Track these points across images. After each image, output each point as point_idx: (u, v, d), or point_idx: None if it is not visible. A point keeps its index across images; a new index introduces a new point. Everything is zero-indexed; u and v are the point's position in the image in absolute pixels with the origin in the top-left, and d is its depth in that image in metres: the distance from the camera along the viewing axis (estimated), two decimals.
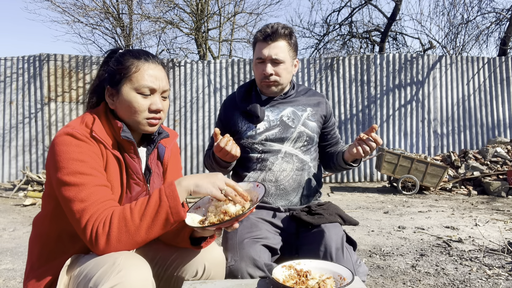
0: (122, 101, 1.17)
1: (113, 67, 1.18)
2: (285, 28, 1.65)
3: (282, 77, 1.66)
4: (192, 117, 8.56)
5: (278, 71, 1.65)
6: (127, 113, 1.18)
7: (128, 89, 1.16)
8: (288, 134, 1.69)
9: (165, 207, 1.04)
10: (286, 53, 1.65)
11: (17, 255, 3.49)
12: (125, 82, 1.16)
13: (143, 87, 1.16)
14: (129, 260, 0.98)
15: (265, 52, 1.63)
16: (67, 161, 1.06)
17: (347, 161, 1.66)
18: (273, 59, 1.63)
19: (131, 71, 1.16)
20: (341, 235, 1.56)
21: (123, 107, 1.17)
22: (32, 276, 1.15)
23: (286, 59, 1.65)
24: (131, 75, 1.16)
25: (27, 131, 8.13)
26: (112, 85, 1.18)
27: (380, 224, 4.59)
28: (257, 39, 1.67)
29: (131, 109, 1.17)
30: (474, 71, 9.04)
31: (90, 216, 1.03)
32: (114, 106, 1.20)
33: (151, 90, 1.18)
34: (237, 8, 11.13)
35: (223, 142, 1.46)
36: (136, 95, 1.16)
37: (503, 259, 3.13)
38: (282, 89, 1.73)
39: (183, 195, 1.09)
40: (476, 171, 7.51)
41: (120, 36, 10.66)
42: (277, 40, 1.63)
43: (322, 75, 8.84)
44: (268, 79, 1.65)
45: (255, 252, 1.44)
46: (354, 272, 1.24)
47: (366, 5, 12.87)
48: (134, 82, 1.16)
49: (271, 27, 1.64)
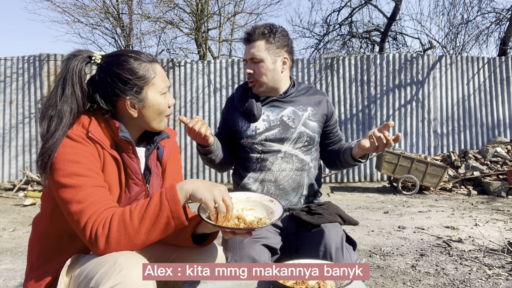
0: (149, 106, 1.19)
1: (128, 77, 1.15)
2: (264, 28, 1.68)
3: (262, 76, 1.68)
4: (192, 117, 8.56)
5: (257, 70, 1.67)
6: (154, 116, 1.21)
7: (153, 94, 1.19)
8: (288, 134, 1.68)
9: (166, 211, 1.04)
10: (264, 52, 1.66)
11: (17, 255, 3.49)
12: (149, 89, 1.19)
13: (164, 88, 1.22)
14: (130, 260, 0.98)
15: (246, 53, 1.70)
16: (63, 163, 1.06)
17: (356, 157, 1.65)
18: (251, 58, 1.67)
19: (151, 76, 1.19)
20: (340, 235, 1.56)
21: (151, 112, 1.20)
22: (32, 277, 1.15)
23: (265, 57, 1.66)
24: (152, 80, 1.19)
25: (27, 131, 8.13)
26: (134, 95, 1.17)
27: (380, 224, 4.59)
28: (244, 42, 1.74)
29: (159, 111, 1.21)
30: (474, 71, 9.04)
31: (89, 218, 1.03)
32: (138, 114, 1.19)
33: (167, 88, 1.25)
34: (237, 8, 11.13)
35: (192, 122, 1.49)
36: (161, 97, 1.21)
37: (503, 259, 3.13)
38: (272, 88, 1.72)
39: (183, 199, 1.08)
40: (476, 171, 7.51)
41: (120, 36, 10.66)
42: (254, 40, 1.67)
43: (322, 75, 8.84)
44: (250, 78, 1.70)
45: (255, 251, 1.44)
46: None
47: (366, 5, 12.86)
48: (157, 86, 1.20)
49: (251, 29, 1.70)
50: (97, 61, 1.20)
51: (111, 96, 1.17)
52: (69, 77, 1.15)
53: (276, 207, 1.20)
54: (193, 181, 1.11)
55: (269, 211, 1.21)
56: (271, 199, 1.24)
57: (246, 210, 1.19)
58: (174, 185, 1.08)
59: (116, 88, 1.16)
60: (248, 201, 1.24)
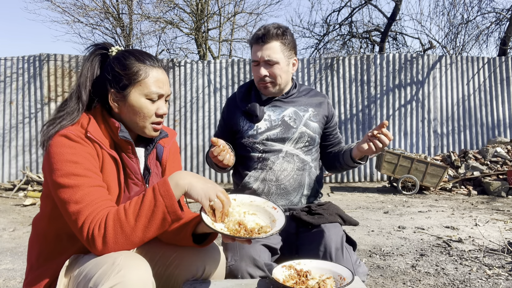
0: (130, 106, 1.17)
1: (119, 71, 1.16)
2: (277, 28, 1.63)
3: (277, 77, 1.65)
4: (192, 117, 8.56)
5: (273, 72, 1.64)
6: (134, 117, 1.18)
7: (137, 94, 1.17)
8: (290, 134, 1.68)
9: (161, 207, 1.03)
10: (280, 53, 1.63)
11: (17, 255, 3.49)
12: (134, 88, 1.16)
13: (152, 93, 1.17)
14: (129, 260, 0.98)
15: (258, 54, 1.63)
16: (61, 163, 1.06)
17: (355, 158, 1.64)
18: (266, 60, 1.62)
19: (140, 77, 1.17)
20: (340, 235, 1.56)
21: (131, 112, 1.18)
22: (31, 277, 1.15)
23: (280, 59, 1.64)
24: (140, 81, 1.17)
25: (27, 131, 8.13)
26: (118, 89, 1.17)
27: (380, 224, 4.59)
28: (252, 42, 1.68)
29: (140, 114, 1.18)
30: (474, 71, 9.03)
31: (86, 218, 1.02)
32: (119, 110, 1.19)
33: (159, 96, 1.19)
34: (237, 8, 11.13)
35: (216, 151, 1.46)
36: (146, 101, 1.17)
37: (503, 259, 3.13)
38: (282, 89, 1.72)
39: (178, 193, 1.07)
40: (476, 171, 7.51)
41: (120, 36, 10.66)
42: (269, 41, 1.62)
43: (322, 75, 8.84)
44: (264, 80, 1.65)
45: (255, 251, 1.44)
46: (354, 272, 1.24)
47: (366, 5, 12.86)
48: (143, 88, 1.17)
49: (264, 29, 1.63)
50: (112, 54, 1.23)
51: (102, 87, 1.19)
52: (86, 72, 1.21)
53: (279, 216, 1.19)
54: (187, 175, 1.10)
55: (271, 218, 1.20)
56: (274, 206, 1.23)
57: (248, 214, 1.18)
58: (167, 179, 1.07)
59: (107, 80, 1.18)
60: (251, 205, 1.24)
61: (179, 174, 1.10)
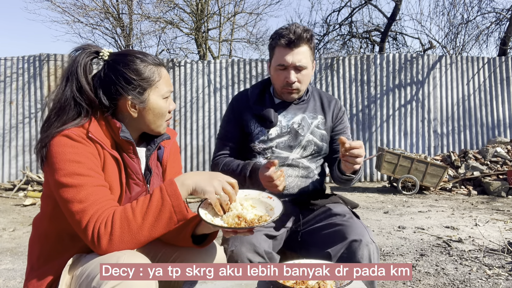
0: (150, 109, 1.20)
1: (133, 77, 1.16)
2: (307, 32, 1.56)
3: (304, 83, 1.62)
4: (192, 117, 8.56)
5: (301, 78, 1.59)
6: (154, 118, 1.21)
7: (155, 97, 1.20)
8: (297, 142, 1.66)
9: (168, 206, 1.05)
10: (308, 58, 1.58)
11: (17, 255, 3.50)
12: (152, 91, 1.19)
13: (167, 92, 1.22)
14: (131, 259, 0.98)
15: (289, 59, 1.55)
16: (63, 163, 1.06)
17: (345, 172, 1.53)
18: (297, 66, 1.56)
19: (156, 79, 1.19)
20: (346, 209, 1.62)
21: (151, 114, 1.20)
22: (32, 277, 1.15)
23: (308, 64, 1.59)
24: (156, 83, 1.19)
25: (27, 131, 8.13)
26: (135, 96, 1.17)
27: (380, 224, 4.59)
28: (277, 43, 1.57)
29: (159, 114, 1.21)
30: (474, 71, 9.04)
31: (91, 217, 1.03)
32: (138, 115, 1.20)
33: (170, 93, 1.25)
34: (237, 8, 11.14)
35: (276, 175, 1.39)
36: (162, 101, 1.21)
37: (503, 259, 3.14)
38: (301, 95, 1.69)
39: (185, 193, 1.09)
40: (476, 171, 7.51)
41: (120, 36, 10.66)
42: (300, 46, 1.55)
43: (322, 75, 8.84)
44: (291, 86, 1.59)
45: (256, 239, 1.44)
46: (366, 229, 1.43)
47: (366, 5, 12.86)
48: (160, 89, 1.20)
49: (294, 32, 1.54)
50: (104, 57, 1.21)
51: (113, 94, 1.17)
52: (74, 69, 1.18)
53: (275, 204, 1.21)
54: (192, 175, 1.12)
55: (268, 208, 1.21)
56: (269, 196, 1.24)
57: (245, 207, 1.20)
58: (173, 180, 1.09)
59: (119, 86, 1.16)
60: (246, 199, 1.25)
61: (185, 175, 1.13)
